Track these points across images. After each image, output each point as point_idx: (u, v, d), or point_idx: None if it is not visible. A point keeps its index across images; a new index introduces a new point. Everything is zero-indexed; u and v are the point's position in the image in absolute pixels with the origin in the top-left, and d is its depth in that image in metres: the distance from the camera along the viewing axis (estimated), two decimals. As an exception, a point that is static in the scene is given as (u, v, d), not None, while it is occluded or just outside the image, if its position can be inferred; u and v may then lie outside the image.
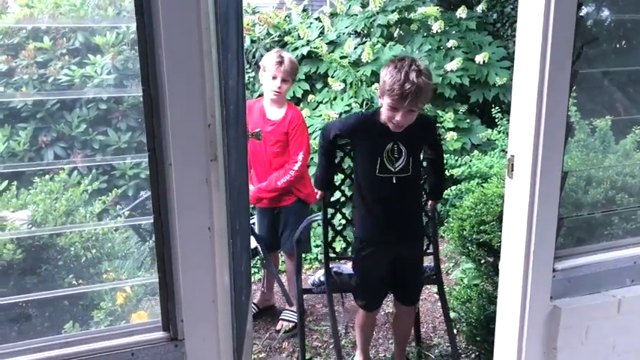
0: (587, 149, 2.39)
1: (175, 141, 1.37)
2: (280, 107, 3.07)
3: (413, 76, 2.23)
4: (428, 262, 2.80)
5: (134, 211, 2.73)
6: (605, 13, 2.29)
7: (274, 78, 2.99)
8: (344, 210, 2.89)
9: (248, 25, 5.29)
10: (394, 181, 2.44)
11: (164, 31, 1.32)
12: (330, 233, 2.76)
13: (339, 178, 2.83)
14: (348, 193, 3.01)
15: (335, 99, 4.92)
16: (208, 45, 1.39)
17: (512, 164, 1.85)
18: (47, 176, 2.06)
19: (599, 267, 2.02)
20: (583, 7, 1.88)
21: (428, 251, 2.79)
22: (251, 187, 3.11)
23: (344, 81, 4.90)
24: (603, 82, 2.20)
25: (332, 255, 2.77)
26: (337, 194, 2.85)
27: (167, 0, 1.31)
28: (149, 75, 1.35)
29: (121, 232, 2.11)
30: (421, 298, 3.50)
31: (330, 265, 2.76)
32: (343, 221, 3.07)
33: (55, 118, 3.63)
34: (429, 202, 2.73)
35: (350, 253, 2.82)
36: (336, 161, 2.69)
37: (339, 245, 3.04)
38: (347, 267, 2.76)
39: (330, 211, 2.76)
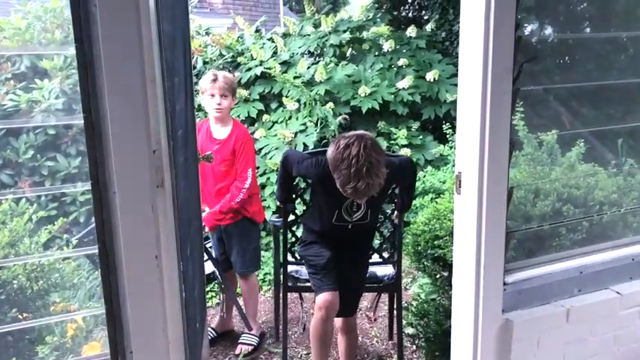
0: (535, 162, 2.45)
1: (119, 168, 1.35)
2: (225, 125, 3.05)
3: (363, 172, 2.21)
4: (388, 270, 2.87)
5: (86, 239, 2.64)
6: (548, 31, 2.38)
7: (212, 96, 2.99)
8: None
9: (200, 46, 5.27)
10: (349, 227, 2.50)
11: (104, 58, 1.30)
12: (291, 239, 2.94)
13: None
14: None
15: (290, 118, 4.93)
16: (152, 70, 1.37)
17: (460, 180, 1.89)
18: (-11, 207, 1.99)
19: (548, 278, 2.07)
20: (523, 26, 1.95)
21: (390, 259, 2.87)
22: (206, 210, 3.06)
23: (298, 101, 4.92)
24: (549, 98, 2.27)
25: (291, 259, 2.89)
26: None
27: (107, 27, 1.29)
28: (90, 102, 1.33)
29: (69, 263, 2.05)
30: (380, 314, 3.52)
31: (289, 270, 2.86)
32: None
33: (0, 144, 3.52)
34: (395, 213, 2.81)
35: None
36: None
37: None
38: (305, 270, 2.78)
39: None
